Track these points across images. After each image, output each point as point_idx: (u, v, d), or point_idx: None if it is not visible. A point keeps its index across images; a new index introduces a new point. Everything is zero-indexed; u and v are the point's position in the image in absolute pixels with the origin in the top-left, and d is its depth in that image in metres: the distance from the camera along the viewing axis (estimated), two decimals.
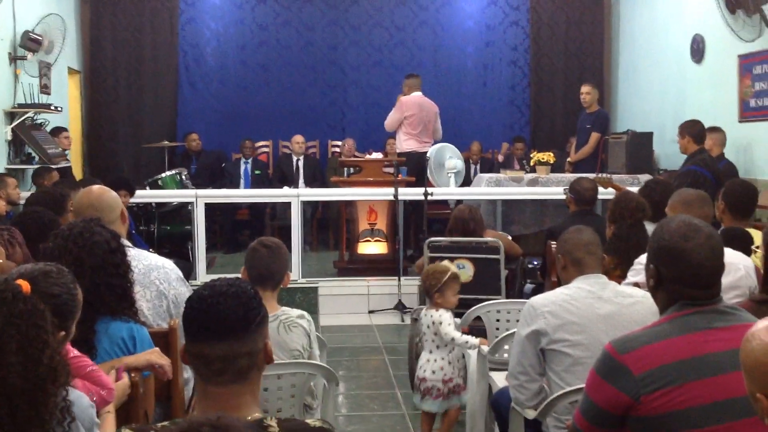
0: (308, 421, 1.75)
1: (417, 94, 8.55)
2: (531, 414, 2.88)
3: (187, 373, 3.01)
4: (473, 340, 3.90)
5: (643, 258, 3.44)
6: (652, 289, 2.21)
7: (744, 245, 3.59)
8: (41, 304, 1.88)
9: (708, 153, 6.34)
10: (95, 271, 2.56)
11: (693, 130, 6.34)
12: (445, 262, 4.23)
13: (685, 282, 2.11)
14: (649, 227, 4.07)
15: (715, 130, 6.76)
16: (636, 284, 3.28)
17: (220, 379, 1.71)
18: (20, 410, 1.78)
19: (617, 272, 3.77)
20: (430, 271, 4.16)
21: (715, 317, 2.10)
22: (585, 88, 8.69)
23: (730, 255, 2.89)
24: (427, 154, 7.91)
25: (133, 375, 2.45)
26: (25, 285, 1.89)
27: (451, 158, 7.98)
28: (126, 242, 3.04)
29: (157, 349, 2.63)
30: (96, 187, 3.37)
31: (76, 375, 2.14)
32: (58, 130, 8.00)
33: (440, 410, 4.09)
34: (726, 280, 2.20)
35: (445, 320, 4.02)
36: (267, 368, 1.83)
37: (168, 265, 3.24)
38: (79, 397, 1.98)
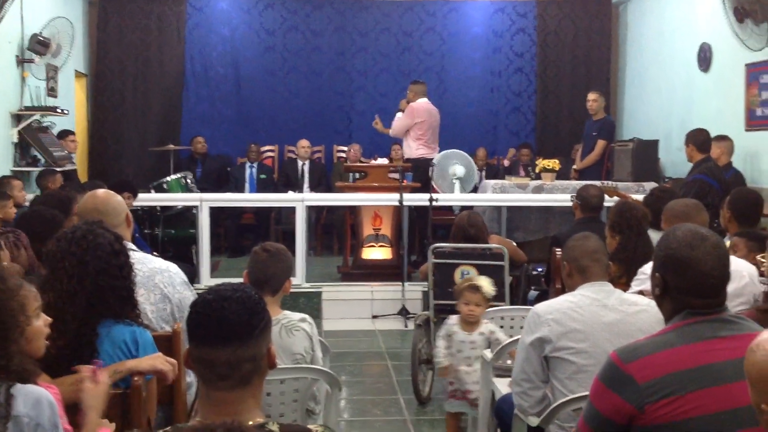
0: (310, 426, 1.75)
1: (423, 101, 8.55)
2: (534, 421, 2.87)
3: (190, 377, 3.00)
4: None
5: (647, 267, 3.44)
6: (658, 297, 2.20)
7: None
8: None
9: (714, 161, 6.31)
10: (98, 273, 2.54)
11: (697, 139, 6.31)
12: (472, 276, 4.25)
13: (691, 291, 2.09)
14: (652, 235, 4.07)
15: (723, 138, 6.73)
16: (641, 292, 3.27)
17: (224, 384, 1.71)
18: None
19: (623, 280, 3.76)
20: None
21: (721, 326, 2.09)
22: (592, 96, 8.68)
23: (735, 262, 2.88)
24: (433, 160, 7.90)
25: (135, 379, 2.44)
26: None
27: (455, 164, 7.96)
28: (130, 245, 3.04)
29: (160, 354, 2.62)
30: (101, 192, 3.37)
31: None
32: (65, 133, 8.02)
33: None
34: (730, 287, 2.19)
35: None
36: (270, 373, 1.83)
37: (172, 268, 3.24)
38: (38, 393, 1.94)
